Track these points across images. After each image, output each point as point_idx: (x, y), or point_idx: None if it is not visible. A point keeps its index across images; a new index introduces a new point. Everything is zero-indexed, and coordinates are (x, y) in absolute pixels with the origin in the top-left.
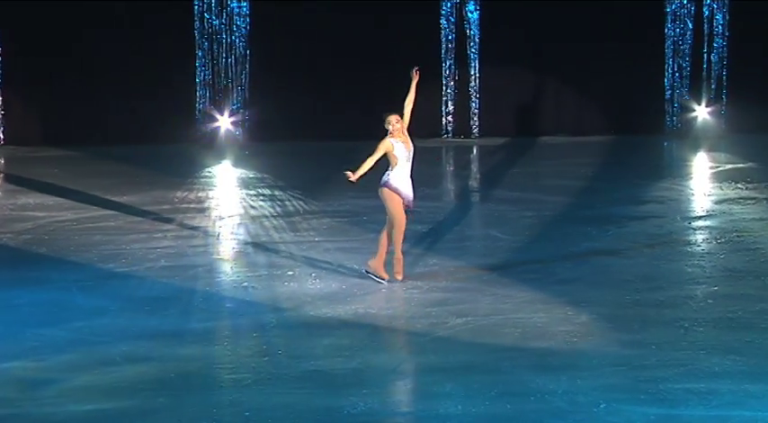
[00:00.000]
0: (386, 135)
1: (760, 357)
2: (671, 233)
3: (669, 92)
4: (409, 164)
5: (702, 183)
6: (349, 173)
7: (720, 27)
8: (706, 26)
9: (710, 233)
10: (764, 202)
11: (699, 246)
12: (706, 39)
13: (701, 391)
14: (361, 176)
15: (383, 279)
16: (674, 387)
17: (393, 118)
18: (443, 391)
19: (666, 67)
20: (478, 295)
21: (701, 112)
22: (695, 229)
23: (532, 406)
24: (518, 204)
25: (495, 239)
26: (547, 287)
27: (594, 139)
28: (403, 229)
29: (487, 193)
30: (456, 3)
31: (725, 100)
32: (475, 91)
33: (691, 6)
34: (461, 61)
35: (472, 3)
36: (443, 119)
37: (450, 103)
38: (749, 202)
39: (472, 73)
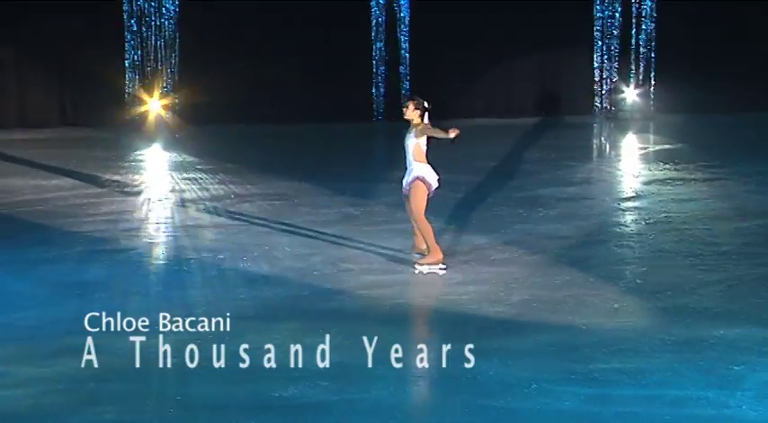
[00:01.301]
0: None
1: (688, 337)
2: (601, 214)
3: (598, 73)
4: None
5: (631, 164)
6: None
7: (648, 8)
8: (634, 8)
9: (640, 214)
10: (693, 182)
11: (628, 226)
12: (634, 20)
13: (630, 371)
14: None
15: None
16: (604, 367)
17: (410, 104)
18: (375, 373)
19: (595, 48)
20: (410, 277)
21: (630, 94)
22: (625, 210)
23: (464, 388)
24: (450, 186)
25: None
26: (478, 269)
27: (525, 121)
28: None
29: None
30: None
31: (653, 81)
32: (405, 73)
33: None
34: (392, 44)
35: None
36: (374, 102)
37: (381, 85)
38: (678, 182)
39: (403, 55)
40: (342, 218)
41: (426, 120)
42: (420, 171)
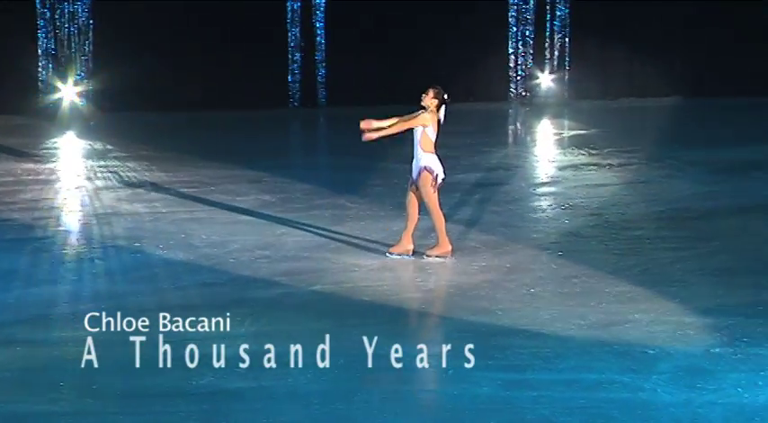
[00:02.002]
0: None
1: (603, 321)
2: (517, 199)
3: (513, 59)
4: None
5: (547, 149)
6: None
7: None
8: None
9: (555, 199)
10: (607, 167)
11: (544, 211)
12: (548, 6)
13: (547, 356)
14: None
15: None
16: (520, 352)
17: (431, 91)
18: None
19: (510, 34)
20: (327, 264)
21: (545, 80)
22: (540, 196)
23: (380, 373)
24: (366, 172)
25: (343, 208)
26: (395, 255)
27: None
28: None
29: (335, 162)
30: None
31: (568, 67)
32: (321, 60)
33: None
34: (307, 30)
35: None
36: (290, 88)
37: (296, 72)
38: (592, 167)
39: (318, 42)
40: (259, 205)
41: (442, 112)
42: (426, 161)
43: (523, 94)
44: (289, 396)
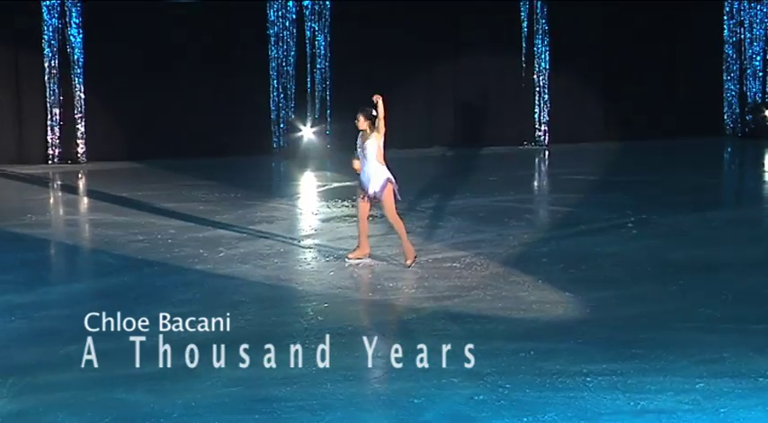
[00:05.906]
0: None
1: (370, 372)
2: (280, 253)
3: (275, 113)
4: (363, 159)
5: (310, 202)
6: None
7: (322, 48)
8: (308, 47)
9: (319, 251)
10: (370, 219)
11: (309, 264)
12: (309, 60)
13: (313, 408)
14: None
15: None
16: (287, 405)
17: (361, 116)
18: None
19: (271, 88)
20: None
21: (307, 132)
22: (304, 248)
23: None
24: (128, 228)
25: (105, 265)
26: (158, 308)
27: (200, 162)
28: (361, 217)
29: (96, 219)
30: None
31: (329, 119)
32: (82, 116)
33: (293, 29)
34: (66, 84)
35: (75, 27)
36: (50, 144)
37: (56, 128)
38: (355, 219)
39: (77, 96)
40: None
41: (381, 125)
42: (387, 173)
43: (286, 146)
44: None
